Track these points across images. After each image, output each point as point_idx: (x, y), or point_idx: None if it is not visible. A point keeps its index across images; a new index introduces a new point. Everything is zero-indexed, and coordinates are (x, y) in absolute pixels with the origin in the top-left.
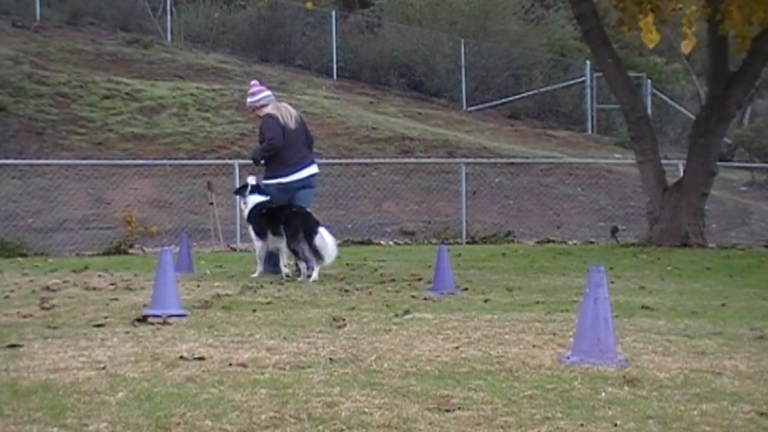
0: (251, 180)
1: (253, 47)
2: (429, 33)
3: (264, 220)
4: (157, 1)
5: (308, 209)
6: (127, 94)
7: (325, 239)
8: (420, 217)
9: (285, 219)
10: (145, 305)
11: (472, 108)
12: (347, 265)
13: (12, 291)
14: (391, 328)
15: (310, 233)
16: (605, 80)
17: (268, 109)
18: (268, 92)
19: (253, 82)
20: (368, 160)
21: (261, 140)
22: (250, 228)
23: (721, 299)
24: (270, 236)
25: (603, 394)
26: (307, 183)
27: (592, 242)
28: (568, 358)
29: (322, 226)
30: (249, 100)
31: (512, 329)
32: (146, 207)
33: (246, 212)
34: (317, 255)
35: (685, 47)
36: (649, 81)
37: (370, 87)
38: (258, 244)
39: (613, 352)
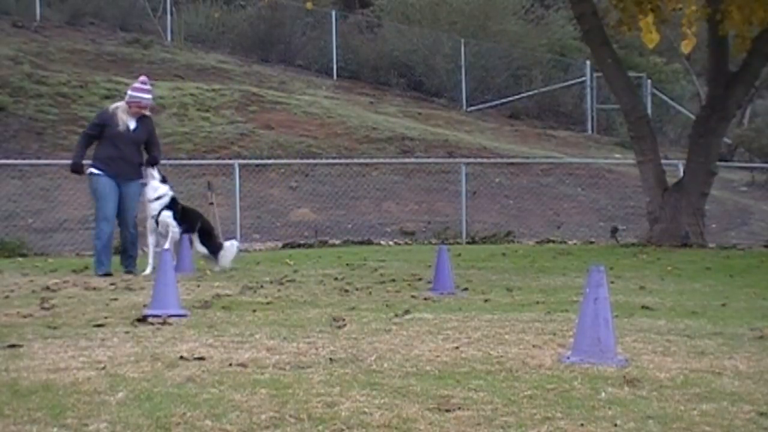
0: (156, 174)
1: (253, 47)
2: (429, 33)
3: (181, 214)
4: (157, 1)
5: None
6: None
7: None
8: (420, 217)
9: (202, 225)
10: (145, 305)
11: (472, 108)
12: (347, 265)
13: (12, 291)
14: (391, 328)
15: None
16: (605, 80)
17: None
18: None
19: (144, 78)
20: (368, 160)
21: (150, 139)
22: (170, 215)
23: (721, 299)
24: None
25: (603, 394)
26: None
27: (592, 242)
28: (568, 358)
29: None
30: (149, 96)
31: (512, 329)
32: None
33: (167, 199)
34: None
35: (685, 47)
36: (649, 81)
37: (370, 87)
38: (178, 231)
39: (613, 352)
